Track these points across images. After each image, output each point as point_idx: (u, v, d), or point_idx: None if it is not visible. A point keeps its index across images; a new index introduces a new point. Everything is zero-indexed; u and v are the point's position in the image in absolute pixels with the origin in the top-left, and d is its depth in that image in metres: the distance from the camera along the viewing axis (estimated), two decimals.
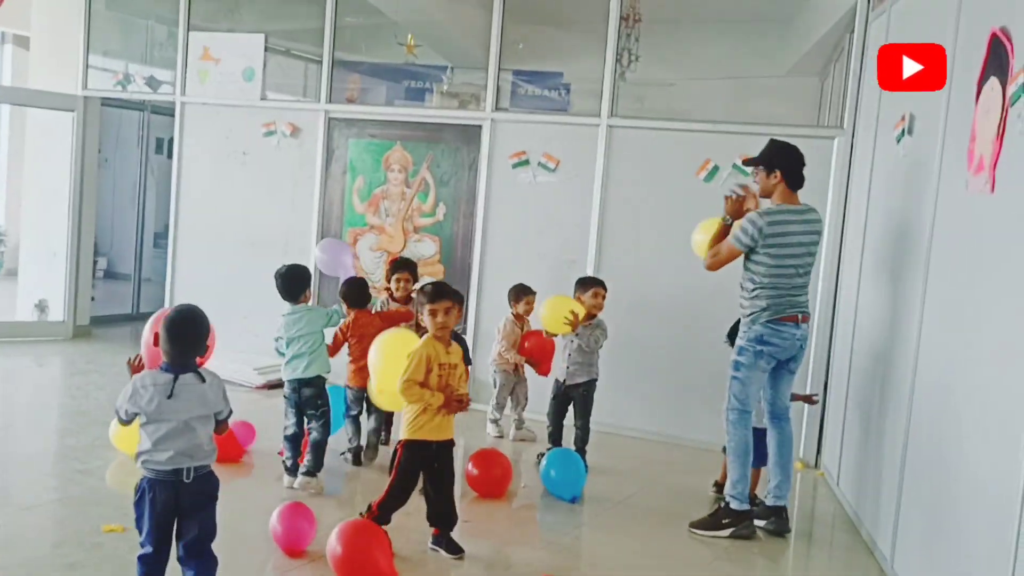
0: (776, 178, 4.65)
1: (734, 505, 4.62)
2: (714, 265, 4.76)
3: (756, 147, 6.23)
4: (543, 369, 6.08)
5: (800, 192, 5.88)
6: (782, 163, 4.66)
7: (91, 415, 6.04)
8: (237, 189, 8.00)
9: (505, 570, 4.14)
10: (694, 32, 8.21)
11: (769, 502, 4.76)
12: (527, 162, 6.97)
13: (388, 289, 5.85)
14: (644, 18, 7.19)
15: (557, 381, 5.72)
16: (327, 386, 5.00)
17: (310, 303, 5.10)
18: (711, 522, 4.67)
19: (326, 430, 4.93)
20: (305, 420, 4.96)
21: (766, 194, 4.72)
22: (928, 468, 3.90)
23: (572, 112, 7.29)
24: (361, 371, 5.13)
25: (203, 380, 3.21)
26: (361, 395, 5.37)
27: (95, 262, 9.83)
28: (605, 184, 6.71)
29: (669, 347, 6.55)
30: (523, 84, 7.65)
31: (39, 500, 4.49)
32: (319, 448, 4.89)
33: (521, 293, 6.26)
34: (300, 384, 4.89)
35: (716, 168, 6.42)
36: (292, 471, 4.93)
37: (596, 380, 5.66)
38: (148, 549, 3.19)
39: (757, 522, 4.72)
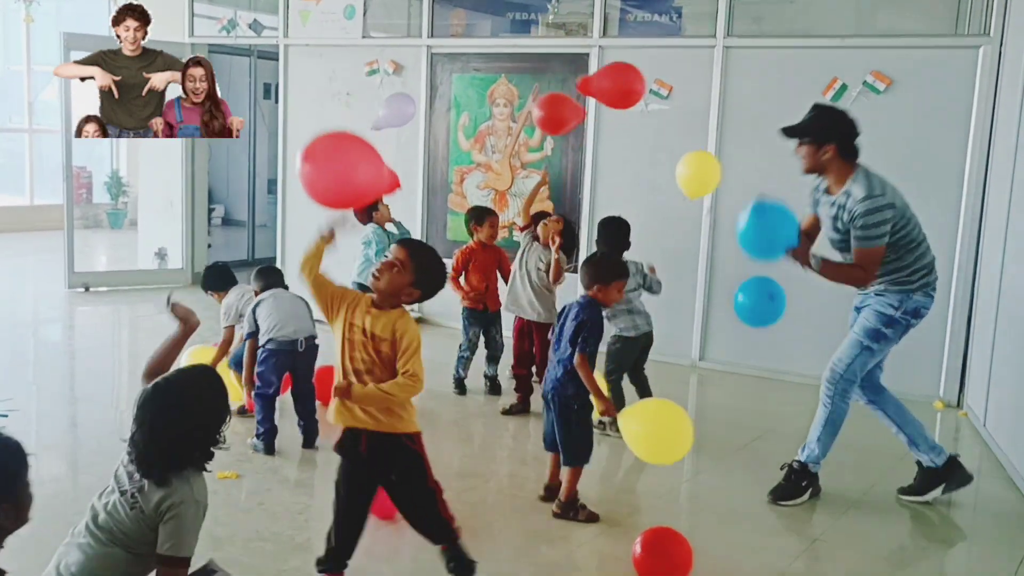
0: (832, 153, 3.94)
1: (813, 468, 4.17)
2: (871, 275, 3.95)
3: (886, 61, 5.84)
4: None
5: (941, 110, 5.39)
6: (833, 134, 3.96)
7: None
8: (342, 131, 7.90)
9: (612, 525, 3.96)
10: None
11: (941, 462, 4.15)
12: None
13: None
14: None
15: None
16: None
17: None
18: (790, 488, 4.18)
19: None
20: None
21: (814, 170, 4.03)
22: None
23: (685, 35, 6.88)
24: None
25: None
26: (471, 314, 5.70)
27: (211, 210, 10.01)
28: (722, 110, 6.32)
29: (790, 280, 6.17)
30: (631, 10, 7.26)
31: None
32: None
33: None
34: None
35: (844, 86, 5.94)
36: None
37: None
38: (268, 391, 4.49)
39: (933, 494, 4.17)
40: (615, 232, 5.04)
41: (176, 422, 2.49)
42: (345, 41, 7.78)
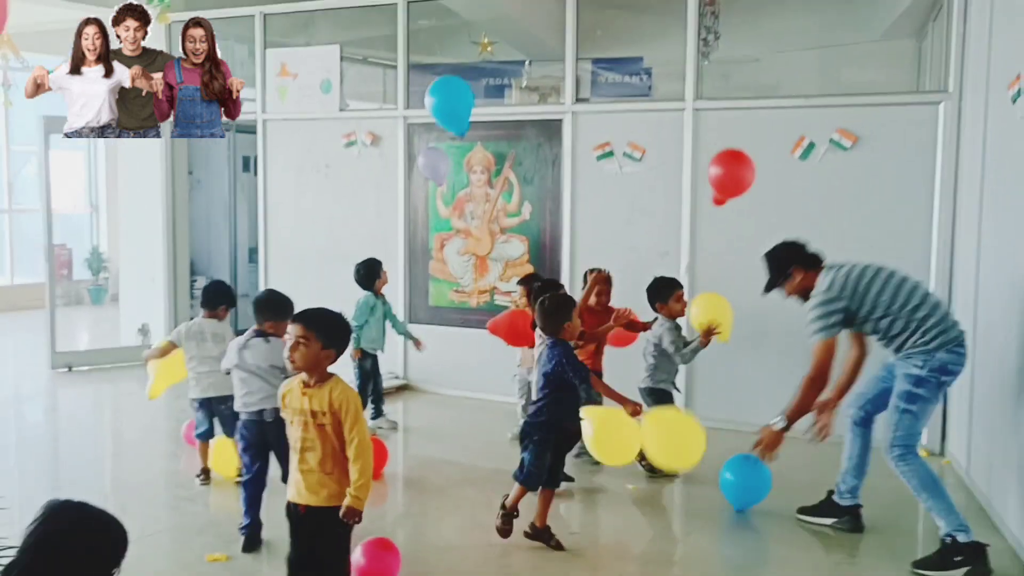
0: (799, 274, 4.40)
1: (961, 538, 4.01)
2: (825, 368, 4.22)
3: (852, 118, 6.01)
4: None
5: (906, 164, 5.63)
6: (789, 260, 4.44)
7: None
8: (322, 201, 8.01)
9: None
10: (777, 4, 7.87)
11: (846, 502, 4.56)
12: (611, 153, 6.76)
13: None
14: None
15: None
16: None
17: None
18: (939, 561, 4.05)
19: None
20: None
21: (804, 294, 4.40)
22: None
23: (655, 98, 7.06)
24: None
25: (267, 341, 4.34)
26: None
27: (193, 282, 10.01)
28: (695, 170, 6.45)
29: (773, 338, 6.25)
30: (603, 72, 7.44)
31: (145, 531, 4.50)
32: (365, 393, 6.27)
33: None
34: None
35: (812, 144, 6.10)
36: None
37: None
38: (248, 475, 4.27)
39: (824, 520, 4.57)
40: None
41: None
42: (323, 114, 7.91)
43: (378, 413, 6.41)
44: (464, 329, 7.39)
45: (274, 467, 4.30)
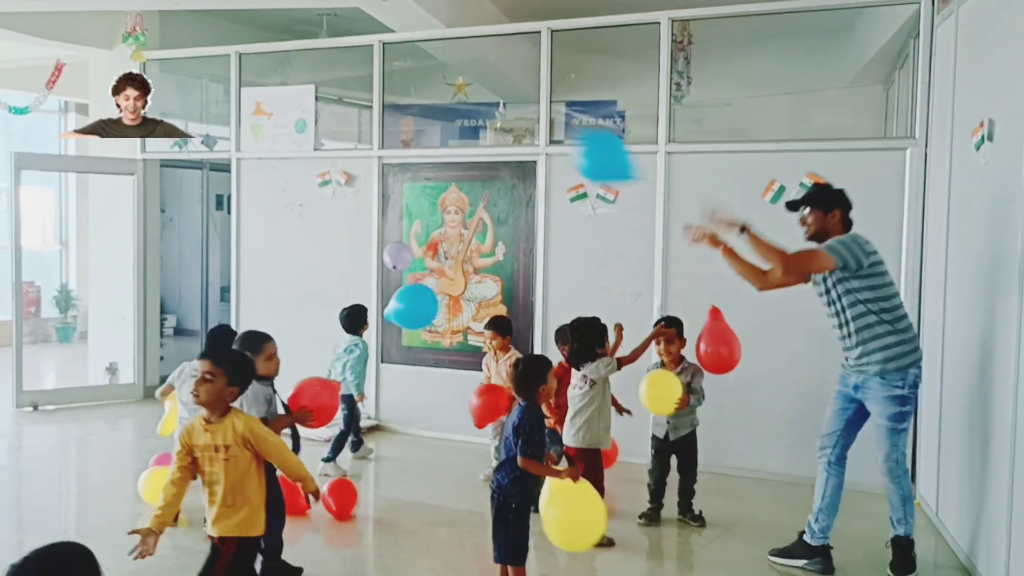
0: (836, 217, 4.50)
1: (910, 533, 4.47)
2: (802, 261, 4.40)
3: (821, 163, 6.09)
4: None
5: (875, 208, 5.73)
6: (840, 202, 4.53)
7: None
8: (296, 240, 7.99)
9: None
10: (748, 50, 8.02)
11: (815, 542, 4.61)
12: (585, 195, 6.81)
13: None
14: (696, 39, 7.03)
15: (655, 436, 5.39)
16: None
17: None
18: (905, 560, 4.46)
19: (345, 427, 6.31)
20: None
21: (819, 233, 4.51)
22: None
23: (628, 140, 7.13)
24: None
25: None
26: None
27: (163, 320, 9.94)
28: (667, 212, 6.52)
29: (743, 378, 6.27)
30: (577, 115, 7.54)
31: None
32: (338, 440, 6.25)
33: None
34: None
35: (782, 188, 6.18)
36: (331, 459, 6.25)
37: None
38: None
39: (796, 562, 4.62)
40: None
41: None
42: (297, 154, 7.92)
43: (355, 447, 6.55)
44: (437, 369, 7.37)
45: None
